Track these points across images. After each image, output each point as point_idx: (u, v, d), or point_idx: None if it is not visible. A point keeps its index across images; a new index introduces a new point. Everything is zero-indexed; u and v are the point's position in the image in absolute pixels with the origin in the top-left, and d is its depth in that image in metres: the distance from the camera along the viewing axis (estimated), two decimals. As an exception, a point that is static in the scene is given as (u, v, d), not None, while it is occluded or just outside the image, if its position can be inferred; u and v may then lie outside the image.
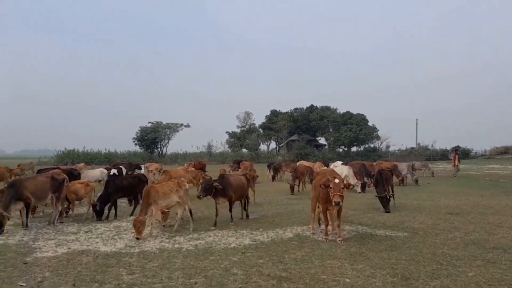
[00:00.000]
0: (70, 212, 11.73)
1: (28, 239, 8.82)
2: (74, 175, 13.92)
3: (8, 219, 9.88)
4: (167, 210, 9.98)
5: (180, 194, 9.48)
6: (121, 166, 19.65)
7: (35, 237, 9.08)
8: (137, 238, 8.64)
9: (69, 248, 7.95)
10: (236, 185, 10.66)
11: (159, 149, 68.38)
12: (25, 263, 6.87)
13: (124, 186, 11.73)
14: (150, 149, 66.65)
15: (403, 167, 22.83)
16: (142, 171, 27.41)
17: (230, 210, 10.66)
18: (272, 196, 16.90)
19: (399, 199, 14.54)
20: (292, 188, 17.22)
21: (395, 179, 20.89)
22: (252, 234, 9.29)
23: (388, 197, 12.38)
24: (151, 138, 65.61)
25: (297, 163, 25.00)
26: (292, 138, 70.78)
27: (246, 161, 29.97)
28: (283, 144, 73.06)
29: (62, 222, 10.82)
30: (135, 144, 67.46)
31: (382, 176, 12.83)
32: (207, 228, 10.02)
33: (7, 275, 6.21)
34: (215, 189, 9.87)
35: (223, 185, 10.15)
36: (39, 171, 16.62)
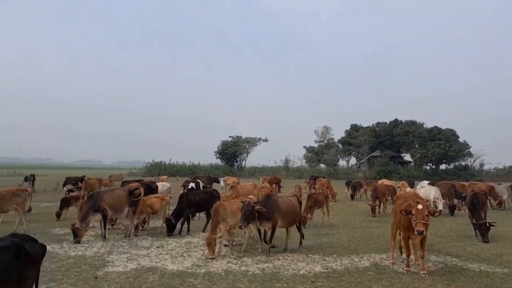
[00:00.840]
0: (146, 225, 12.02)
1: (104, 251, 9.11)
2: (152, 189, 14.37)
3: (86, 231, 10.38)
4: (228, 228, 9.67)
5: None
6: (198, 180, 20.06)
7: (110, 249, 9.36)
8: (211, 258, 8.41)
9: (139, 264, 8.00)
10: (284, 209, 9.15)
11: (238, 163, 69.81)
12: (96, 278, 7.00)
13: (197, 201, 11.76)
14: (230, 162, 68.34)
15: (501, 189, 20.25)
16: (221, 184, 27.82)
17: (270, 240, 9.01)
18: (349, 217, 15.92)
19: (496, 227, 12.77)
20: (373, 209, 16.05)
21: (492, 203, 18.69)
22: (324, 260, 8.63)
23: (488, 225, 10.86)
24: (231, 151, 67.30)
25: (378, 182, 23.54)
26: (374, 154, 67.79)
27: (323, 177, 28.95)
28: (364, 160, 70.30)
29: (137, 236, 11.08)
30: (217, 157, 69.71)
31: (478, 200, 11.35)
32: (276, 249, 9.56)
33: (76, 290, 6.33)
34: (258, 213, 8.57)
35: (269, 207, 8.84)
36: (123, 183, 17.58)
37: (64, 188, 23.89)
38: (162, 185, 17.77)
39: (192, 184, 17.83)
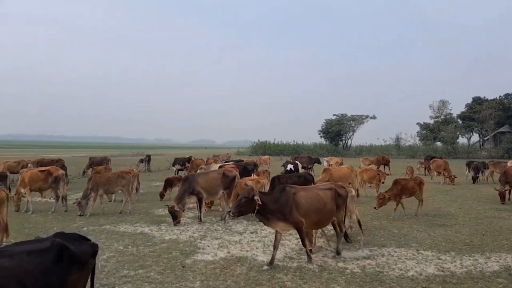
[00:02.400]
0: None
1: (197, 236, 8.97)
2: (248, 170, 14.09)
3: (184, 211, 10.44)
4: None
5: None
6: (297, 161, 19.37)
7: (204, 233, 9.20)
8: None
9: (228, 253, 7.62)
10: (308, 204, 6.89)
11: (343, 142, 67.47)
12: (183, 267, 6.76)
13: (289, 185, 11.08)
14: (335, 141, 66.36)
15: None
16: (324, 164, 26.83)
17: (304, 244, 6.98)
18: (470, 204, 13.72)
19: None
20: (502, 195, 13.61)
21: None
22: (439, 259, 7.26)
23: None
24: (336, 130, 65.19)
25: (508, 163, 20.19)
26: (501, 129, 59.58)
27: (440, 158, 25.85)
28: (488, 136, 62.32)
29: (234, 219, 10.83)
30: (320, 136, 68.32)
31: None
32: (382, 242, 8.43)
33: (161, 280, 6.12)
34: (261, 206, 6.56)
35: (283, 202, 6.73)
36: (222, 164, 17.65)
37: (174, 168, 25.24)
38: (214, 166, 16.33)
39: (290, 166, 17.21)
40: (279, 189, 7.09)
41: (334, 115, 68.12)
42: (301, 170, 18.33)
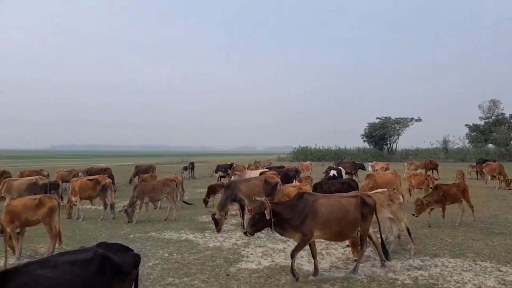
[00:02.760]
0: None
1: (241, 243, 8.91)
2: (289, 177, 13.91)
3: (225, 218, 10.43)
4: None
5: (392, 209, 7.70)
6: (340, 167, 18.90)
7: (248, 241, 9.11)
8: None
9: (273, 261, 7.48)
10: (326, 214, 6.37)
11: (388, 146, 65.41)
12: (227, 275, 6.70)
13: (332, 192, 10.74)
14: (379, 145, 64.45)
15: None
16: (369, 169, 26.10)
17: (293, 255, 6.39)
18: (532, 210, 12.76)
19: None
20: None
21: None
22: (499, 271, 6.75)
23: None
24: (380, 134, 63.31)
25: None
26: None
27: (494, 161, 24.42)
28: (547, 137, 58.25)
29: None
30: (364, 141, 66.65)
31: None
32: (434, 251, 7.98)
33: (206, 288, 6.09)
34: (276, 217, 6.23)
35: (299, 210, 6.31)
36: (263, 171, 17.53)
37: (216, 174, 25.49)
38: (254, 173, 15.68)
39: (333, 172, 16.80)
40: (297, 196, 6.71)
41: (377, 118, 66.31)
42: (345, 176, 17.87)
